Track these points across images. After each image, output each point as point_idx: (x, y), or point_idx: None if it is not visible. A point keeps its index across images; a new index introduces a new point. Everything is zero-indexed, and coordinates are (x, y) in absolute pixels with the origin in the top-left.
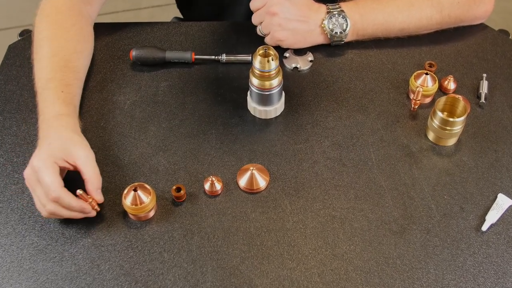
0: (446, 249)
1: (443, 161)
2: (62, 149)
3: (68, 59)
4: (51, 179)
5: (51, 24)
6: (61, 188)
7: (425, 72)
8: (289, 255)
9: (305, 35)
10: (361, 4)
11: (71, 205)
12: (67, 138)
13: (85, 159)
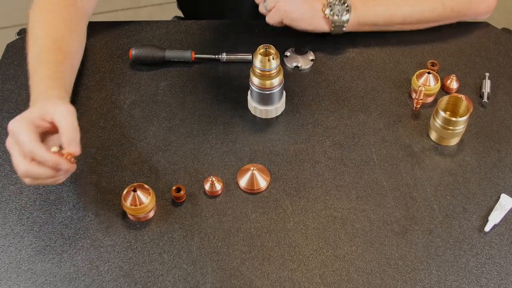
0: (449, 250)
1: (445, 161)
2: (39, 108)
3: (59, 43)
4: (25, 135)
5: (44, 9)
6: (36, 143)
7: (428, 71)
8: (290, 256)
9: (309, 14)
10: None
11: (45, 158)
12: (49, 101)
13: (62, 113)
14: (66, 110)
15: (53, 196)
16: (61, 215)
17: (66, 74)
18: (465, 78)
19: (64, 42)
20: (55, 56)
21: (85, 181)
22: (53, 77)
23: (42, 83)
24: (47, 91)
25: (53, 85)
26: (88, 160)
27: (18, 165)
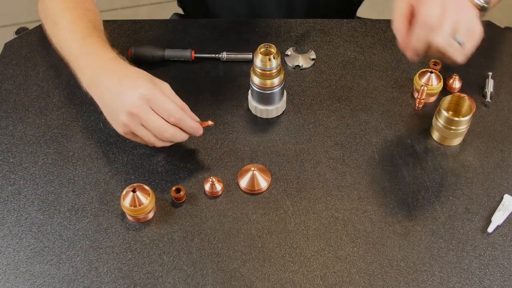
0: (451, 251)
1: (448, 161)
2: (151, 80)
3: (94, 23)
4: (173, 104)
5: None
6: (181, 111)
7: (430, 70)
8: (291, 258)
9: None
10: None
11: (190, 125)
12: (144, 72)
13: (170, 90)
14: (167, 84)
15: (51, 197)
16: (59, 216)
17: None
18: (468, 78)
19: (97, 24)
20: (101, 35)
21: (84, 182)
22: (111, 48)
23: (106, 54)
24: (119, 61)
25: (117, 55)
26: (87, 161)
27: (165, 130)
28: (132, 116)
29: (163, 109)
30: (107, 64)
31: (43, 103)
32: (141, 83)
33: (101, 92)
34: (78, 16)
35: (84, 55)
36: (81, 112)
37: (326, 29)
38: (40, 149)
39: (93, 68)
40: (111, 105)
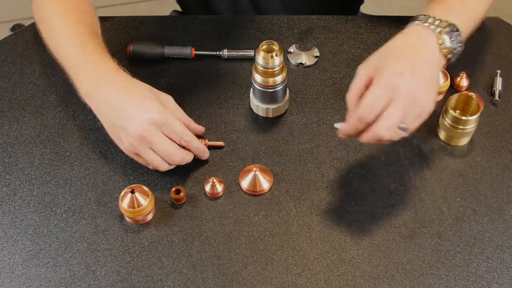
0: (459, 254)
1: (455, 161)
2: (156, 96)
3: (92, 28)
4: (181, 126)
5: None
6: (191, 133)
7: None
8: (294, 260)
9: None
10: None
11: (198, 147)
12: (148, 88)
13: (172, 101)
14: (173, 100)
15: (48, 198)
16: (56, 218)
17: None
18: (476, 76)
19: (95, 29)
20: (99, 41)
21: (81, 183)
22: (111, 58)
23: (107, 65)
24: (121, 73)
25: (117, 66)
26: (84, 161)
27: (174, 154)
28: (141, 139)
29: (174, 133)
30: (108, 76)
31: (39, 101)
32: (152, 106)
33: (102, 106)
34: (76, 21)
35: (83, 63)
36: (78, 111)
37: (330, 25)
38: (36, 149)
39: (93, 78)
40: (115, 124)
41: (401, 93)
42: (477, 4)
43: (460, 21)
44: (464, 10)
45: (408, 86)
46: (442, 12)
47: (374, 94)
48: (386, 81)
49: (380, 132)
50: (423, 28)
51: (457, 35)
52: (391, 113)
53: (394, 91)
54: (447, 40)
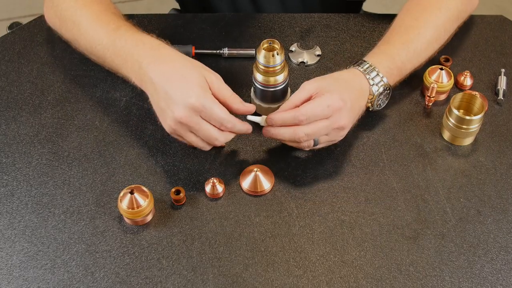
0: (462, 255)
1: (459, 161)
2: (201, 76)
3: (119, 15)
4: (222, 111)
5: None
6: (231, 115)
7: (440, 67)
8: (296, 262)
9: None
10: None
11: (241, 128)
12: (193, 66)
13: (218, 80)
14: (216, 75)
15: (46, 198)
16: (54, 219)
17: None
18: (480, 74)
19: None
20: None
21: (80, 183)
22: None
23: (148, 40)
24: (164, 48)
25: (158, 41)
26: (83, 161)
27: (216, 138)
28: (181, 124)
29: (213, 120)
30: (152, 54)
31: (37, 101)
32: (192, 90)
33: (147, 85)
34: (100, 10)
35: (120, 47)
36: (76, 110)
37: (332, 24)
38: (34, 149)
39: (135, 60)
40: (159, 104)
41: (337, 119)
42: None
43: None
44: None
45: (345, 117)
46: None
47: (319, 107)
48: (332, 102)
49: (300, 134)
50: (360, 72)
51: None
52: (320, 127)
53: (334, 113)
54: (375, 89)
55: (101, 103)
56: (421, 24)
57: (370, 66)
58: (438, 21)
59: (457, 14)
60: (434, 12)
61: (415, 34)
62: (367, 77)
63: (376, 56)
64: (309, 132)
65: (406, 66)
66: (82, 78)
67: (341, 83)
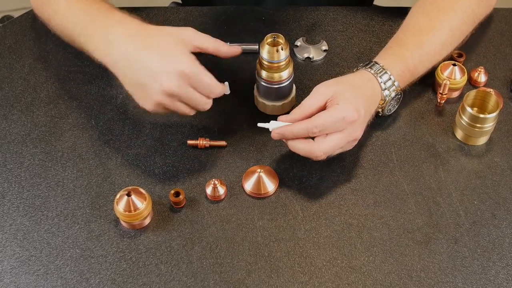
0: (476, 261)
1: (472, 162)
2: (178, 40)
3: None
4: (211, 78)
5: None
6: (216, 82)
7: (453, 63)
8: (301, 268)
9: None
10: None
11: (222, 92)
12: (166, 32)
13: (194, 33)
14: (192, 30)
15: (38, 201)
16: (47, 222)
17: None
18: (495, 70)
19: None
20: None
21: (74, 185)
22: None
23: (114, 15)
24: (131, 20)
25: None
26: (77, 162)
27: (206, 103)
28: (170, 96)
29: (203, 87)
30: (119, 28)
31: (29, 98)
32: (179, 57)
33: (119, 63)
34: None
35: (90, 24)
36: (71, 108)
37: (340, 17)
38: (26, 149)
39: (102, 36)
40: (139, 82)
41: (351, 132)
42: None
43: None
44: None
45: (359, 129)
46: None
47: (333, 119)
48: (347, 113)
49: (317, 153)
50: (371, 75)
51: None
52: (336, 143)
53: (348, 126)
54: (387, 93)
55: (97, 101)
56: (436, 25)
57: (382, 69)
58: (453, 23)
59: (473, 17)
60: (449, 14)
61: (430, 36)
62: (379, 81)
63: (389, 58)
64: (326, 150)
65: (419, 69)
66: (76, 74)
67: (355, 89)
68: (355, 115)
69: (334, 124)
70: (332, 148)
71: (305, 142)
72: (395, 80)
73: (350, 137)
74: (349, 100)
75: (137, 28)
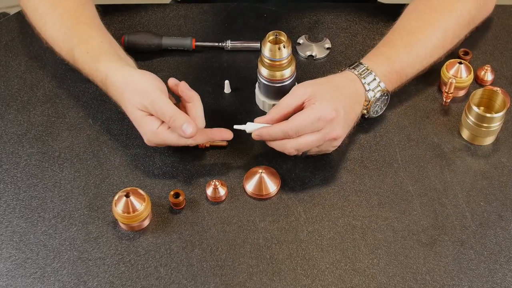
0: (483, 263)
1: (479, 162)
2: (144, 121)
3: (75, 17)
4: (178, 138)
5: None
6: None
7: (459, 61)
8: (304, 270)
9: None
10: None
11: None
12: (131, 109)
13: (157, 102)
14: (158, 96)
15: (35, 202)
16: (44, 224)
17: (102, 42)
18: (501, 69)
19: (79, 15)
20: (81, 36)
21: (72, 186)
22: (94, 59)
23: (99, 74)
24: (110, 79)
25: (103, 68)
26: (75, 162)
27: (186, 142)
28: (154, 144)
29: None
30: (105, 85)
31: (26, 97)
32: (142, 130)
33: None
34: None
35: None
36: (68, 107)
37: (343, 14)
38: (22, 149)
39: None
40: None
41: (329, 131)
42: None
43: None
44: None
45: (338, 128)
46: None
47: (309, 120)
48: (323, 113)
49: (289, 149)
50: (355, 76)
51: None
52: (310, 141)
53: (326, 125)
54: (371, 95)
55: (95, 100)
56: (428, 26)
57: (367, 70)
58: (447, 24)
59: (468, 20)
60: (444, 14)
61: (420, 37)
62: (362, 82)
63: (374, 58)
64: (298, 147)
65: (407, 71)
66: (74, 72)
67: (334, 89)
68: (332, 113)
69: (311, 125)
70: (303, 145)
71: (282, 141)
72: (380, 81)
73: (327, 136)
74: (326, 100)
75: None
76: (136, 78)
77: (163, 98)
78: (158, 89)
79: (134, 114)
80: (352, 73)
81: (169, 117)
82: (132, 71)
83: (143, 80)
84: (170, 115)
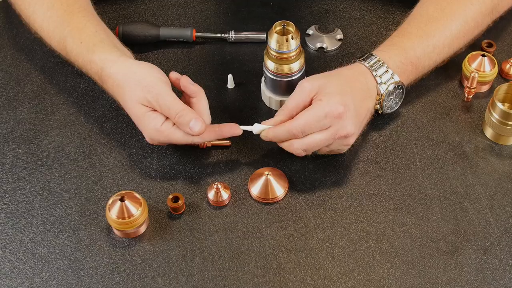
0: (508, 273)
1: (504, 163)
2: (147, 115)
3: (67, 5)
4: (184, 135)
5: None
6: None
7: (482, 53)
8: (313, 281)
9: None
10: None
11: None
12: (132, 104)
13: (162, 97)
14: (162, 90)
15: (22, 207)
16: (32, 231)
17: (96, 32)
18: None
19: (71, 3)
20: (74, 25)
21: (62, 189)
22: (88, 50)
23: (94, 65)
24: (105, 71)
25: (97, 59)
26: (65, 163)
27: (192, 139)
28: (156, 143)
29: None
30: (101, 79)
31: (12, 93)
32: (144, 127)
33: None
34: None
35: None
36: (58, 104)
37: (356, 3)
38: (8, 149)
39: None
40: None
41: (339, 128)
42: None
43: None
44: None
45: (348, 124)
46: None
47: (315, 118)
48: (330, 109)
49: (296, 150)
50: (366, 68)
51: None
52: (318, 140)
53: (334, 122)
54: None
55: (87, 95)
56: (447, 15)
57: (378, 61)
58: (468, 13)
59: (491, 8)
60: (465, 2)
61: (438, 26)
62: (373, 74)
63: (387, 49)
64: (305, 147)
65: (423, 62)
66: (64, 66)
67: (342, 83)
68: (339, 109)
69: (317, 123)
70: (311, 145)
71: (290, 141)
72: (394, 73)
73: (337, 134)
74: (333, 95)
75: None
76: (137, 70)
77: (168, 92)
78: (163, 82)
79: (135, 109)
80: (363, 65)
81: (175, 113)
82: (132, 63)
83: (145, 72)
84: (177, 110)
